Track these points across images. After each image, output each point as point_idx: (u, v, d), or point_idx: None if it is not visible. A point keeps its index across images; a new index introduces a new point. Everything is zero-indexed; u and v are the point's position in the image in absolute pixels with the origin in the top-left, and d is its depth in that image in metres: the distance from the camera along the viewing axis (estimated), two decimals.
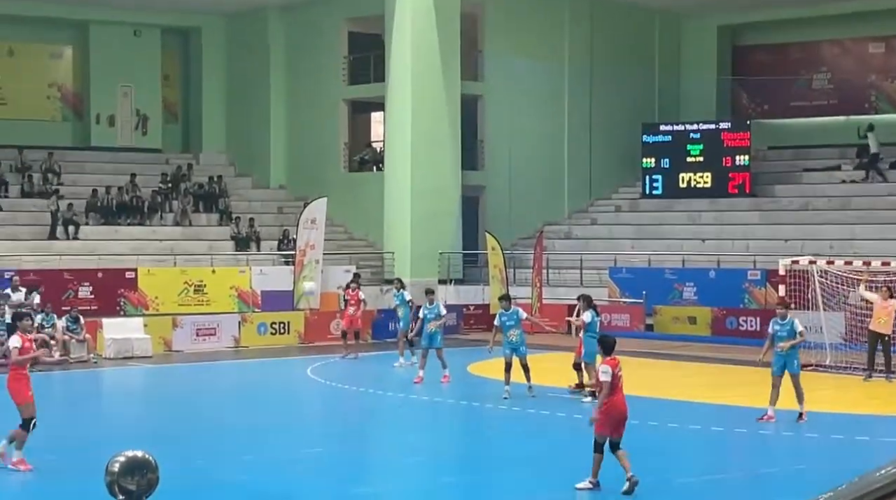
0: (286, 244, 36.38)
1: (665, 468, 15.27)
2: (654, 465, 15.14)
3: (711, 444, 17.88)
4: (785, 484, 14.22)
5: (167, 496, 2.61)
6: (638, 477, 13.08)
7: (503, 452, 17.11)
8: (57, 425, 19.19)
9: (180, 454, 15.22)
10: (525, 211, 39.85)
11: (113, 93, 41.23)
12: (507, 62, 39.79)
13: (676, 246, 36.88)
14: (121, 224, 36.23)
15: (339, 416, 21.07)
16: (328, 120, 40.98)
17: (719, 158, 39.14)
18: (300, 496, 13.66)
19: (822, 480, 12.55)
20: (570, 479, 14.08)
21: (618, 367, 13.54)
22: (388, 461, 16.94)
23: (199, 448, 16.74)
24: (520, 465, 15.81)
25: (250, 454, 16.25)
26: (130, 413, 21.45)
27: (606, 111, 41.92)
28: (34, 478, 14.60)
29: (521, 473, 15.32)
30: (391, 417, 20.94)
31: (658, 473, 14.85)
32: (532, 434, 18.49)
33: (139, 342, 28.76)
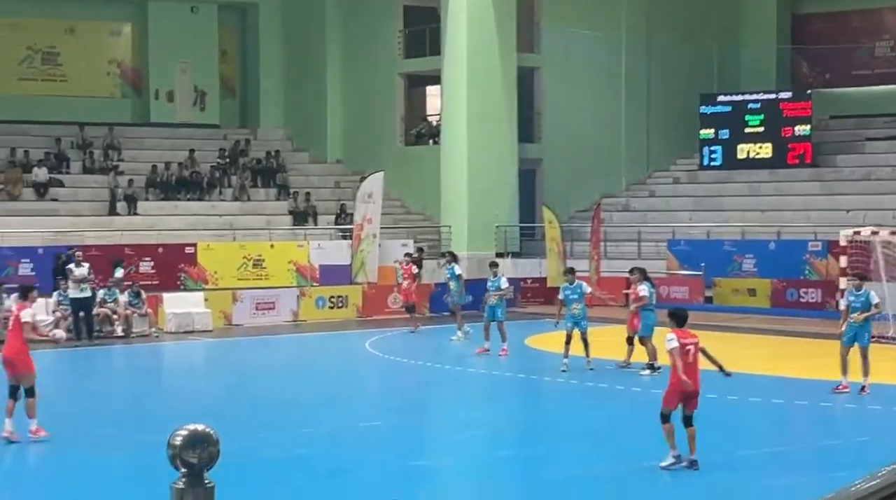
0: (343, 218, 36.51)
1: (726, 441, 15.20)
2: (715, 438, 15.07)
3: (772, 416, 17.78)
4: (848, 456, 14.11)
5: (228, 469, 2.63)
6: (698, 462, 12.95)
7: (561, 425, 17.11)
8: (119, 398, 19.48)
9: (240, 427, 15.38)
10: (582, 184, 39.70)
11: (171, 69, 41.50)
12: (563, 34, 39.57)
13: (736, 218, 36.59)
14: (180, 199, 36.53)
15: (397, 389, 21.17)
16: (384, 94, 41.02)
17: (779, 129, 38.75)
18: (359, 470, 13.75)
19: (885, 452, 12.45)
20: (628, 452, 14.06)
21: (687, 338, 13.40)
22: (446, 435, 17.00)
23: (259, 422, 16.89)
24: (578, 438, 15.81)
25: (309, 427, 16.38)
26: (191, 387, 21.67)
27: (664, 82, 41.62)
28: (98, 452, 14.81)
29: (579, 446, 15.32)
30: (449, 390, 21.00)
31: (719, 446, 14.79)
32: (591, 407, 18.47)
33: (199, 317, 29.04)
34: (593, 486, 13.02)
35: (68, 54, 40.65)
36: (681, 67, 41.82)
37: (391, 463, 14.31)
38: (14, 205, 34.18)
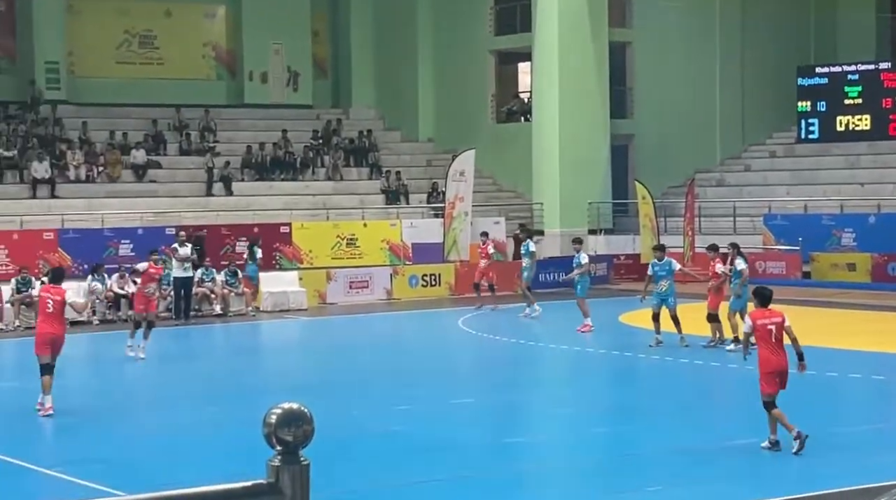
0: (435, 197, 36.59)
1: (827, 418, 14.98)
2: (816, 414, 14.88)
3: (873, 392, 17.46)
4: None
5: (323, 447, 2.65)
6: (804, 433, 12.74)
7: (653, 401, 17.00)
8: (218, 377, 19.77)
9: (336, 404, 15.53)
10: (675, 159, 39.30)
11: (265, 51, 41.87)
12: (655, 7, 39.18)
13: (834, 191, 35.96)
14: (274, 180, 36.89)
15: (491, 366, 21.19)
16: (475, 71, 40.97)
17: (879, 100, 37.95)
18: (454, 446, 13.80)
19: None
20: (721, 429, 13.93)
21: (768, 317, 13.08)
22: (541, 411, 16.99)
23: (354, 399, 17.03)
24: (670, 414, 15.70)
25: (405, 404, 16.47)
26: (287, 365, 21.92)
27: (759, 54, 40.96)
28: (198, 429, 15.05)
29: (671, 422, 15.22)
30: (542, 367, 20.99)
31: (820, 422, 14.58)
32: (683, 384, 18.32)
33: (295, 295, 29.34)
34: (689, 462, 12.90)
35: (165, 37, 41.20)
36: (776, 38, 41.12)
37: (487, 440, 14.33)
38: (113, 187, 34.79)
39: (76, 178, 34.50)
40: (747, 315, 13.49)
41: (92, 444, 14.50)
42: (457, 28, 41.02)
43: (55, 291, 16.00)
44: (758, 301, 13.52)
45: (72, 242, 29.96)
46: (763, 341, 13.00)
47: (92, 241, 30.08)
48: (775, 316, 13.14)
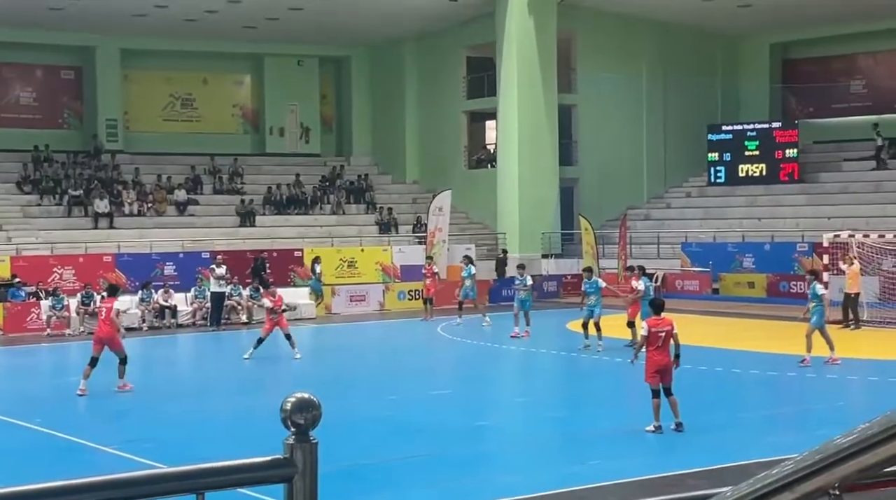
0: (419, 228, 36.64)
1: (730, 406, 15.05)
2: (721, 403, 14.95)
3: (767, 385, 17.54)
4: (828, 417, 13.88)
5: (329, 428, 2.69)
6: (683, 424, 12.80)
7: (593, 392, 17.06)
8: (246, 373, 19.70)
9: (340, 394, 15.52)
10: (611, 198, 39.47)
11: (282, 110, 41.94)
12: (595, 77, 39.40)
13: (737, 224, 36.17)
14: (290, 214, 36.87)
15: (463, 364, 21.20)
16: (451, 127, 41.11)
17: (772, 152, 38.23)
18: (433, 428, 13.80)
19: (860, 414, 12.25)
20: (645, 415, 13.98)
21: (660, 326, 12.97)
22: (503, 400, 17.00)
23: (354, 390, 17.01)
24: (605, 403, 15.75)
25: (393, 394, 16.47)
26: (299, 363, 21.85)
27: (678, 115, 41.26)
28: (232, 417, 15.00)
29: (606, 409, 15.27)
30: (504, 364, 21.01)
31: (725, 409, 14.66)
32: (614, 378, 18.41)
33: (306, 307, 29.27)
34: (621, 440, 12.93)
35: (202, 100, 41.22)
36: (691, 102, 41.42)
37: (461, 423, 14.33)
38: (160, 219, 34.70)
39: (130, 212, 34.41)
40: (644, 321, 13.54)
41: (144, 425, 14.44)
42: (436, 93, 41.18)
43: (107, 301, 16.06)
44: (653, 310, 13.45)
45: (126, 264, 29.86)
46: (652, 345, 12.94)
47: (143, 263, 30.00)
48: (666, 324, 13.05)
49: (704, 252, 33.93)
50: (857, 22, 38.89)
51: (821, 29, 40.37)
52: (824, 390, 16.87)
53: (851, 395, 16.36)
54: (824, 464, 1.81)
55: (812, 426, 13.34)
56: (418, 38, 41.45)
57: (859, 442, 1.76)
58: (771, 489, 1.90)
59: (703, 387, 16.88)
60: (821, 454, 1.83)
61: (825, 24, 39.85)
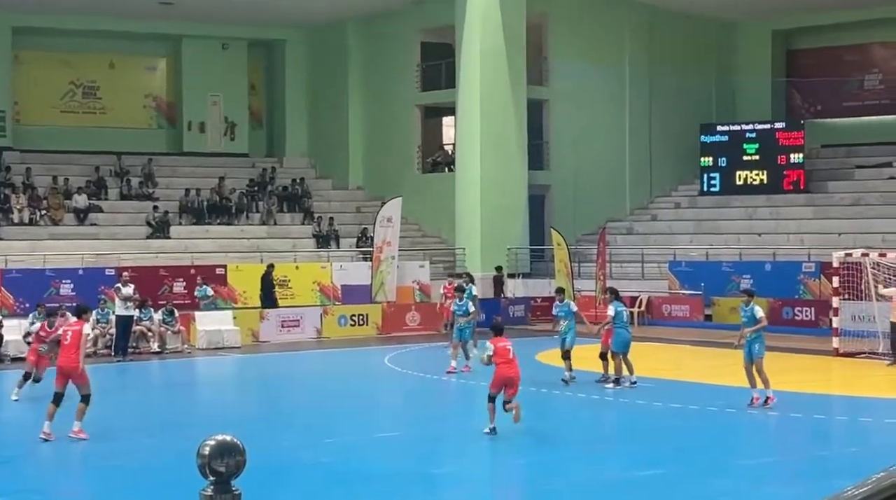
0: (364, 241, 36.59)
1: (724, 450, 15.14)
2: (713, 448, 15.01)
3: (767, 428, 17.67)
4: (839, 466, 13.99)
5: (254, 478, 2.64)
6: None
7: (566, 434, 17.08)
8: (155, 410, 19.52)
9: (267, 437, 15.39)
10: (588, 208, 39.70)
11: (203, 102, 41.73)
12: (570, 68, 39.67)
13: (733, 240, 36.53)
14: (210, 224, 36.66)
15: (415, 401, 21.14)
16: (402, 124, 41.15)
17: (774, 157, 38.72)
18: (380, 477, 13.72)
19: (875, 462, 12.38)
20: (626, 460, 13.99)
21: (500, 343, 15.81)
22: (463, 443, 16.96)
23: (285, 432, 16.88)
24: (582, 446, 15.78)
25: (333, 436, 16.36)
26: (221, 399, 21.69)
27: (666, 113, 41.66)
28: (135, 459, 14.83)
29: (584, 454, 15.30)
30: (463, 401, 20.97)
31: (717, 455, 14.75)
32: (592, 417, 18.42)
33: (229, 334, 29.09)
34: (602, 493, 12.95)
35: (107, 88, 40.92)
36: (681, 99, 41.86)
37: (412, 470, 14.28)
38: (56, 229, 34.33)
39: (20, 221, 34.02)
40: (490, 343, 15.93)
41: (31, 476, 14.20)
42: (385, 83, 41.20)
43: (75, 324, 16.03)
44: (494, 332, 16.24)
45: (14, 281, 29.49)
46: (500, 358, 15.63)
47: (34, 280, 29.62)
48: (504, 341, 15.95)
49: (695, 272, 34.21)
50: (873, 6, 39.55)
51: (831, 15, 41.01)
52: (835, 435, 17.03)
53: (868, 440, 16.52)
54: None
55: (820, 476, 13.45)
56: (365, 19, 41.49)
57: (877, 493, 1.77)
58: None
59: (687, 428, 16.96)
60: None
61: (836, 10, 40.50)
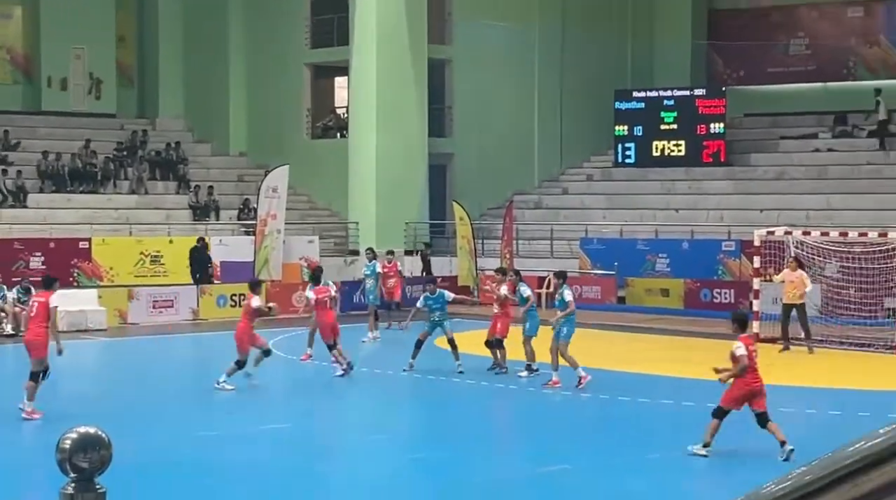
0: (247, 213, 36.30)
1: (632, 443, 15.39)
2: (627, 441, 15.25)
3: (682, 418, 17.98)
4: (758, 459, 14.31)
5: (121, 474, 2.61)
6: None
7: (462, 427, 17.20)
8: (8, 398, 19.13)
9: (135, 430, 15.22)
10: (494, 180, 39.91)
11: (65, 55, 40.87)
12: (475, 26, 39.76)
13: (649, 216, 37.03)
14: (73, 192, 36.02)
15: (301, 389, 21.08)
16: (290, 85, 40.85)
17: (693, 126, 39.30)
18: (261, 472, 13.68)
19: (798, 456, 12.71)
20: (527, 455, 14.14)
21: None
22: (353, 437, 16.99)
23: (156, 424, 16.72)
24: (477, 441, 15.91)
25: (209, 429, 16.26)
26: (84, 388, 21.37)
27: (578, 77, 42.00)
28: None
29: (481, 449, 15.42)
30: (352, 390, 20.98)
31: (630, 449, 14.97)
32: (486, 408, 18.59)
33: (93, 315, 28.64)
34: (501, 491, 13.08)
35: None
36: (595, 62, 42.24)
37: (296, 465, 14.25)
38: None
39: None
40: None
41: None
42: (271, 38, 40.83)
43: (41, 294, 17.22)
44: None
45: None
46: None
47: None
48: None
49: (609, 251, 34.61)
50: None
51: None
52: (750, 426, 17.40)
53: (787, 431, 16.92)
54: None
55: (736, 470, 13.74)
56: None
57: (796, 490, 1.82)
58: None
59: (591, 418, 17.22)
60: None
61: None
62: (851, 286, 25.82)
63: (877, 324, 25.09)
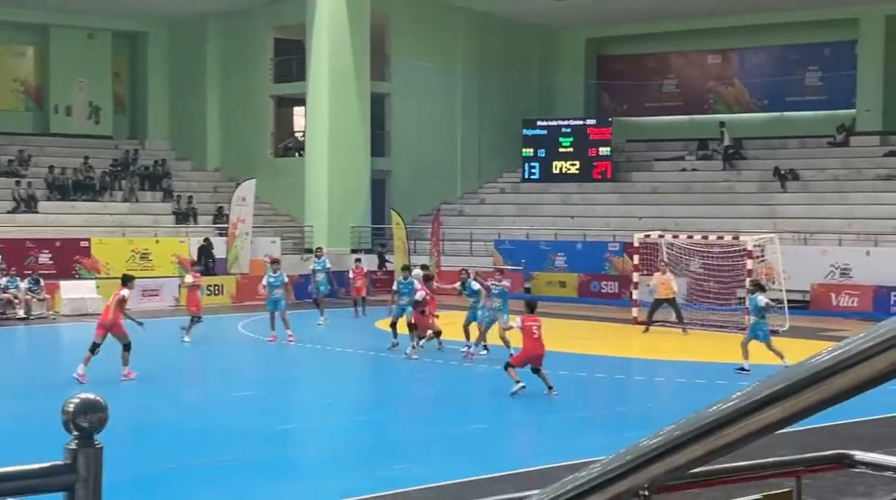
0: (220, 219, 35.96)
1: (537, 408, 15.47)
2: (527, 406, 15.33)
3: (576, 387, 18.13)
4: (637, 418, 14.48)
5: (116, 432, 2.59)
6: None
7: (399, 394, 17.19)
8: (26, 373, 18.85)
9: (128, 396, 15.04)
10: (424, 192, 39.90)
11: (70, 87, 40.27)
12: (410, 65, 39.72)
13: (550, 222, 37.23)
14: (76, 200, 35.46)
15: (267, 364, 20.95)
16: (257, 112, 40.54)
17: (586, 149, 39.56)
18: (232, 432, 13.57)
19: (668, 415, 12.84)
20: (451, 417, 14.17)
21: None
22: (309, 402, 16.92)
23: (147, 391, 16.52)
24: (412, 405, 15.90)
25: (190, 396, 16.10)
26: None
27: (493, 108, 42.13)
28: (8, 421, 14.28)
29: (413, 411, 15.42)
30: (310, 364, 20.89)
31: (532, 412, 15.05)
32: (421, 379, 18.61)
33: (92, 301, 28.21)
34: (427, 445, 13.09)
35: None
36: (507, 96, 42.39)
37: (262, 427, 14.15)
38: None
39: None
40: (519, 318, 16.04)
41: None
42: (242, 74, 40.51)
43: (119, 289, 17.75)
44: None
45: None
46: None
47: None
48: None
49: (517, 250, 34.76)
50: (670, 20, 40.80)
51: (635, 26, 42.12)
52: (633, 393, 17.61)
53: (660, 397, 17.12)
54: (634, 465, 1.89)
55: (620, 428, 13.87)
56: (223, 16, 40.65)
57: (668, 442, 1.83)
58: (581, 490, 1.96)
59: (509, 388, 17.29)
60: (630, 455, 1.90)
61: (639, 22, 41.61)
62: (711, 279, 26.17)
63: (730, 310, 25.46)
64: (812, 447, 3.32)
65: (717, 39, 41.56)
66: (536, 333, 15.62)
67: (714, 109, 42.48)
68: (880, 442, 11.34)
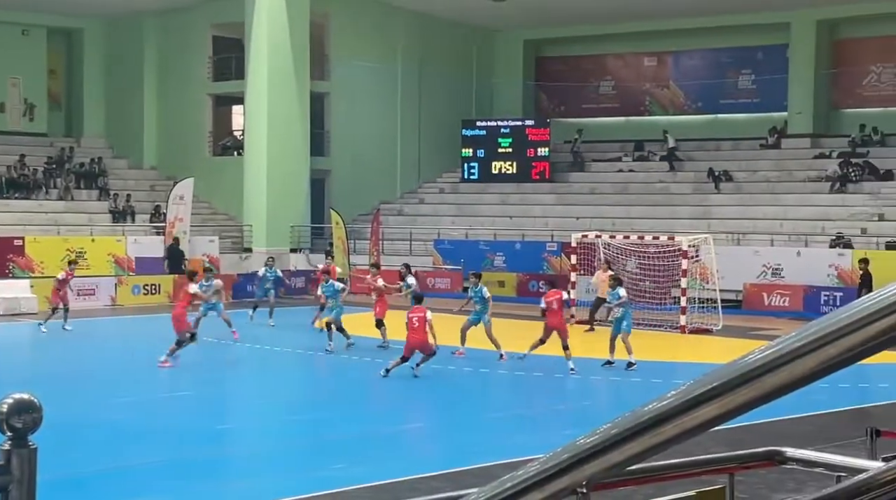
0: (157, 217, 35.52)
1: (475, 406, 15.52)
2: (466, 403, 15.37)
3: (514, 385, 18.22)
4: (574, 416, 14.59)
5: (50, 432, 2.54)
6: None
7: (337, 394, 17.13)
8: None
9: (62, 397, 14.78)
10: (364, 191, 39.79)
11: (3, 84, 39.52)
12: (349, 65, 39.59)
13: (489, 222, 37.35)
14: (10, 198, 34.83)
15: (206, 364, 20.72)
16: (194, 110, 40.13)
17: (524, 150, 39.74)
18: (170, 431, 13.41)
19: (605, 413, 12.95)
20: (388, 416, 14.15)
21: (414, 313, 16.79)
22: (246, 402, 16.78)
23: (81, 392, 16.27)
24: (349, 404, 15.86)
25: (127, 396, 15.88)
26: (18, 363, 20.67)
27: (433, 108, 42.14)
28: None
29: (350, 411, 15.38)
30: (250, 364, 20.73)
31: (470, 410, 15.10)
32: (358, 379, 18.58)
33: (26, 301, 27.75)
34: (366, 444, 13.06)
35: None
36: (446, 96, 42.43)
37: (200, 426, 14.01)
38: None
39: None
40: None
41: None
42: (179, 72, 40.07)
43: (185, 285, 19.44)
44: (415, 301, 17.45)
45: None
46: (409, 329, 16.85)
47: None
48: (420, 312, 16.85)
49: (456, 250, 34.80)
50: (607, 23, 41.15)
51: (572, 28, 42.43)
52: (570, 391, 17.73)
53: (597, 395, 17.27)
54: (572, 462, 1.90)
55: (558, 426, 13.96)
56: (160, 13, 40.16)
57: (606, 440, 1.85)
58: (519, 489, 1.96)
59: (448, 387, 17.32)
60: (568, 453, 1.91)
61: (577, 24, 41.93)
62: (647, 279, 26.42)
63: (665, 309, 25.75)
64: (744, 445, 3.36)
65: (652, 42, 41.98)
66: (417, 324, 16.55)
67: (650, 110, 42.92)
68: (811, 439, 11.56)
